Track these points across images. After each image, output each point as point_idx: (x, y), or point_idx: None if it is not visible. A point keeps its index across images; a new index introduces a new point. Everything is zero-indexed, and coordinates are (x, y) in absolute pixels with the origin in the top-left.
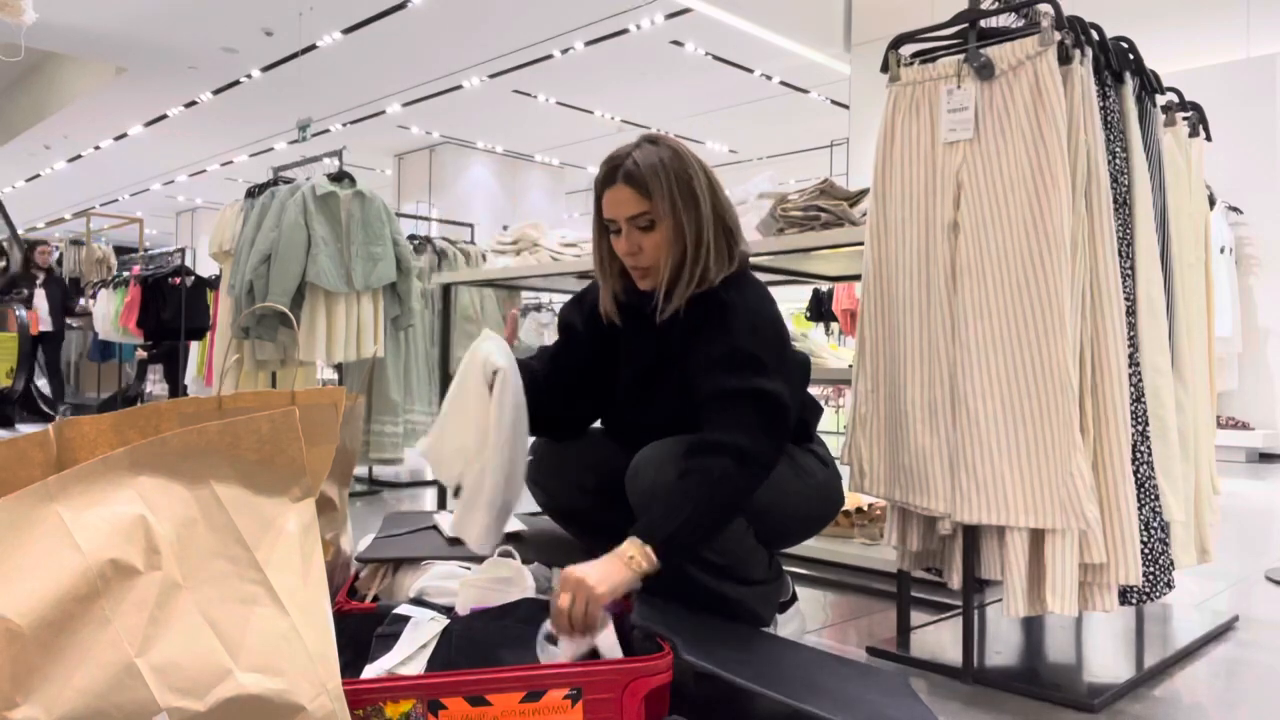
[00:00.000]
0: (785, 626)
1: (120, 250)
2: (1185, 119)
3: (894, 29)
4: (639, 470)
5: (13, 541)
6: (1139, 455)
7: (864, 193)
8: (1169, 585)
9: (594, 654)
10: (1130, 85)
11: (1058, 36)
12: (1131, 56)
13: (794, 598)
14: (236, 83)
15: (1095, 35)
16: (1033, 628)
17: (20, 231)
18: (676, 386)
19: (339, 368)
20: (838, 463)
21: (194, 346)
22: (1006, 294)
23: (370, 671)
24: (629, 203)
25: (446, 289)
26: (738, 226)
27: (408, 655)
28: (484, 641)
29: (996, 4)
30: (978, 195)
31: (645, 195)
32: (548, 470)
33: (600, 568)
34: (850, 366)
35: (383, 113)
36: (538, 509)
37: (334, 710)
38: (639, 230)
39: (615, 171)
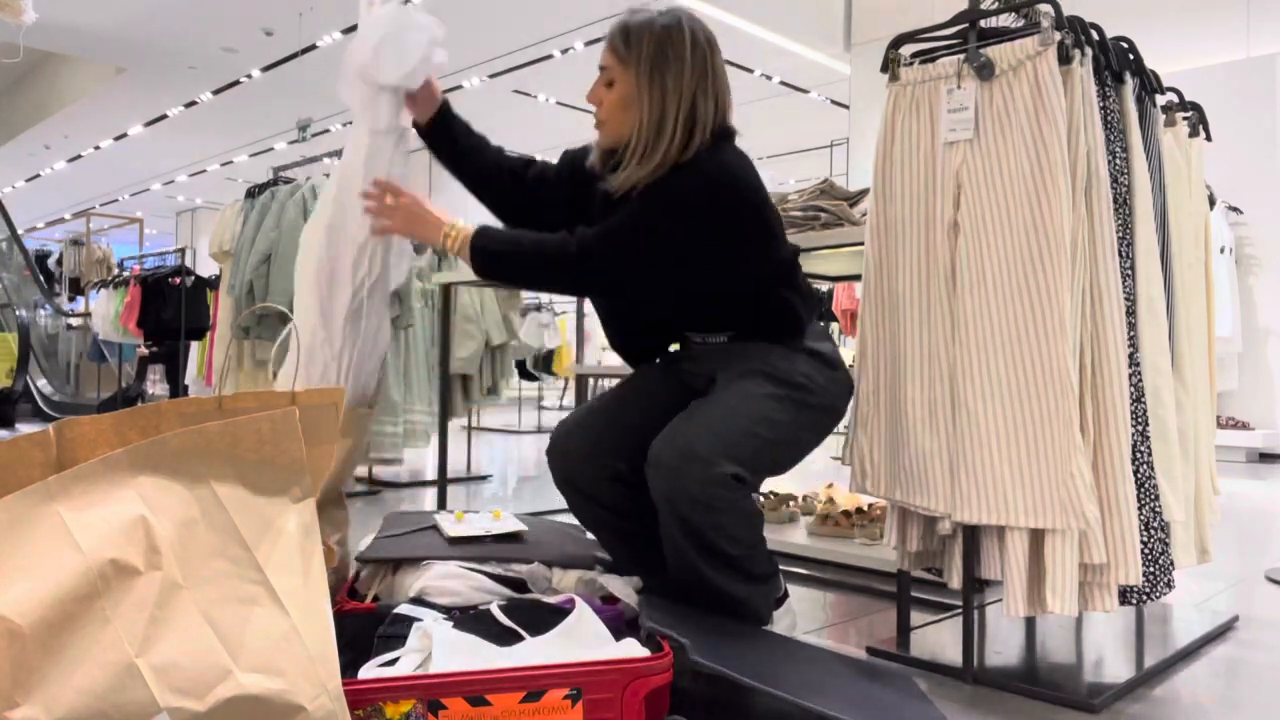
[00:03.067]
0: (779, 623)
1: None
2: (1185, 119)
3: (894, 29)
4: (658, 460)
5: (13, 541)
6: (1139, 455)
7: (864, 193)
8: (1169, 585)
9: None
10: (1130, 85)
11: (1058, 36)
12: (1131, 56)
13: (786, 594)
14: (236, 83)
15: (1095, 35)
16: (1033, 628)
17: (20, 231)
18: None
19: None
20: (838, 463)
21: (194, 346)
22: (1006, 294)
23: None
24: (605, 53)
25: (446, 289)
26: (720, 109)
27: (415, 666)
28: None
29: (996, 4)
30: (978, 195)
31: (613, 51)
32: (578, 458)
33: (423, 221)
34: (850, 366)
35: None
36: (535, 510)
37: (334, 710)
38: (604, 85)
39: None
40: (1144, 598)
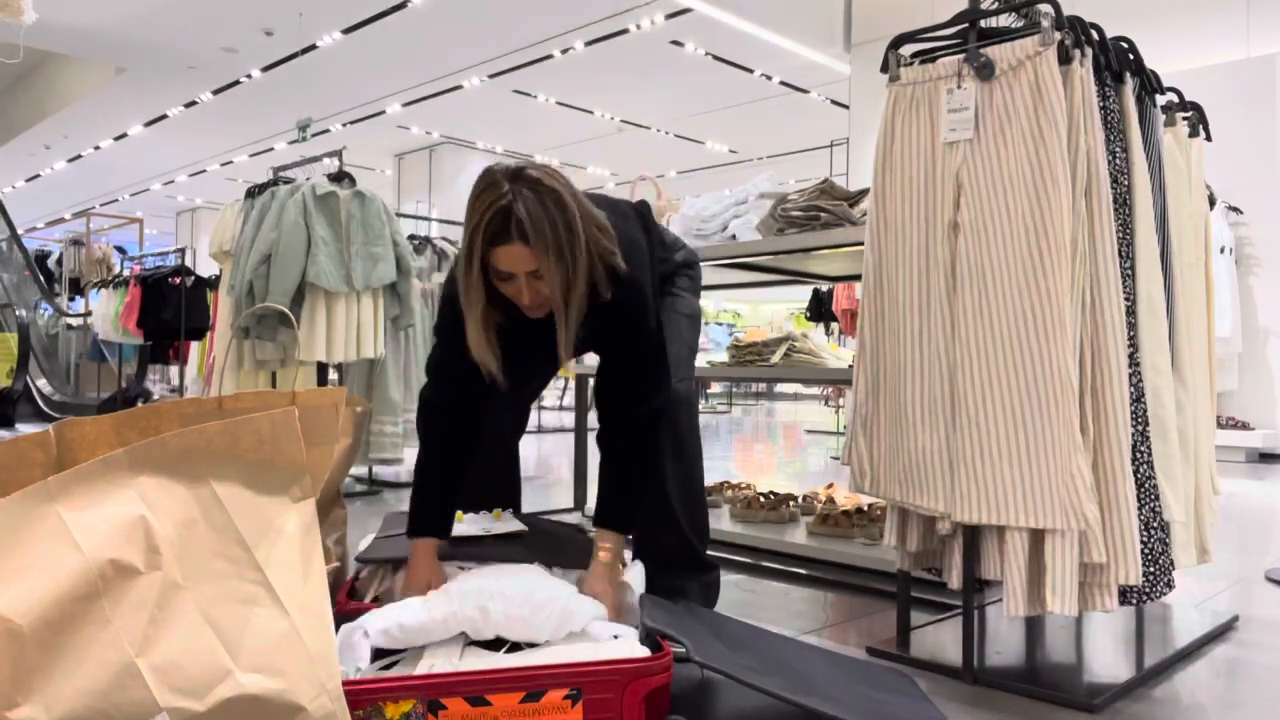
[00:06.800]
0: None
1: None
2: (1185, 119)
3: (894, 29)
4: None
5: (13, 541)
6: (1139, 455)
7: (864, 193)
8: (1169, 585)
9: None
10: (1130, 85)
11: (1058, 36)
12: (1131, 56)
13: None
14: (236, 83)
15: (1095, 35)
16: (1033, 628)
17: (20, 231)
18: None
19: (338, 368)
20: (838, 463)
21: (194, 346)
22: (1006, 294)
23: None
24: (525, 259)
25: None
26: (611, 237)
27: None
28: None
29: (996, 4)
30: (978, 195)
31: (537, 252)
32: None
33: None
34: (850, 366)
35: (383, 113)
36: (535, 510)
37: (334, 710)
38: (537, 279)
39: (507, 227)
40: (1144, 598)
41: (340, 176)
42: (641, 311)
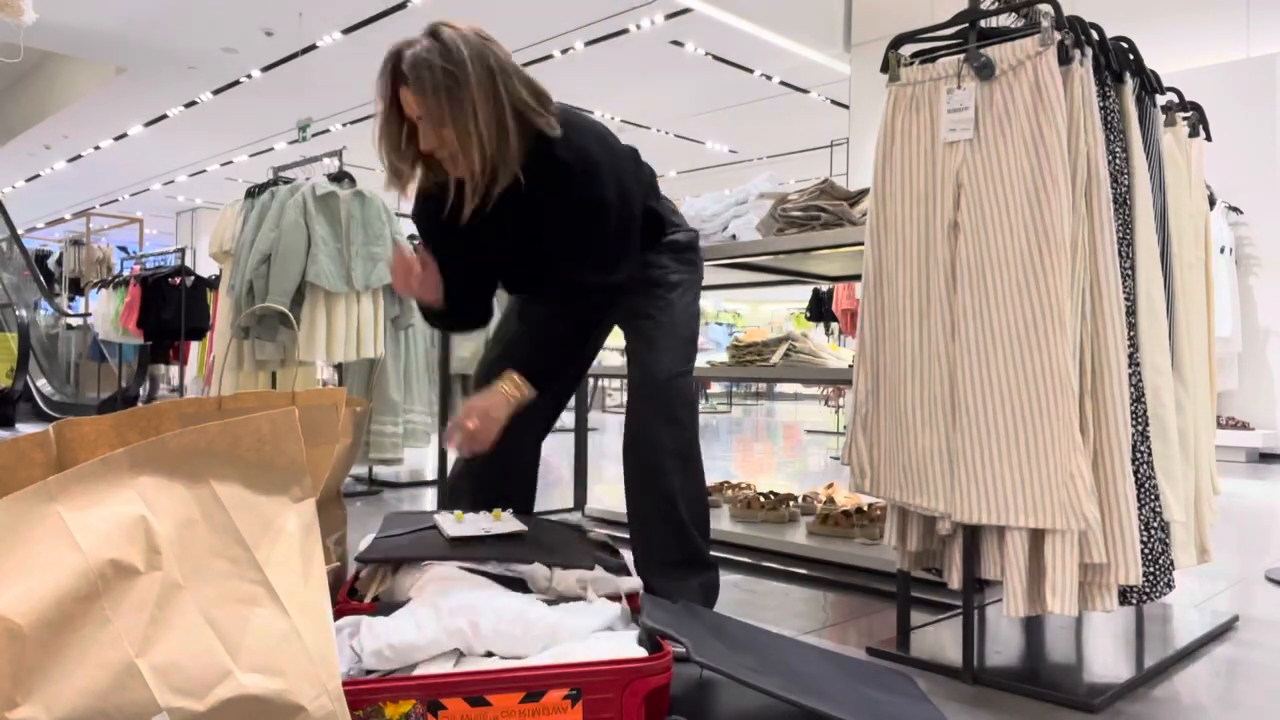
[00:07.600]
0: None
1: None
2: (1185, 119)
3: (894, 29)
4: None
5: (13, 541)
6: (1139, 455)
7: (864, 193)
8: (1169, 585)
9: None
10: (1130, 85)
11: (1058, 36)
12: (1131, 56)
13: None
14: (236, 83)
15: (1095, 35)
16: (1033, 628)
17: (20, 231)
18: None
19: (338, 368)
20: (838, 463)
21: (194, 346)
22: (1006, 294)
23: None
24: (411, 103)
25: None
26: (542, 98)
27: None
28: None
29: (996, 4)
30: (978, 195)
31: (421, 94)
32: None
33: (493, 418)
34: (850, 366)
35: None
36: (535, 510)
37: (334, 710)
38: (433, 131)
39: (394, 68)
40: (1144, 598)
41: (340, 176)
42: (588, 175)
